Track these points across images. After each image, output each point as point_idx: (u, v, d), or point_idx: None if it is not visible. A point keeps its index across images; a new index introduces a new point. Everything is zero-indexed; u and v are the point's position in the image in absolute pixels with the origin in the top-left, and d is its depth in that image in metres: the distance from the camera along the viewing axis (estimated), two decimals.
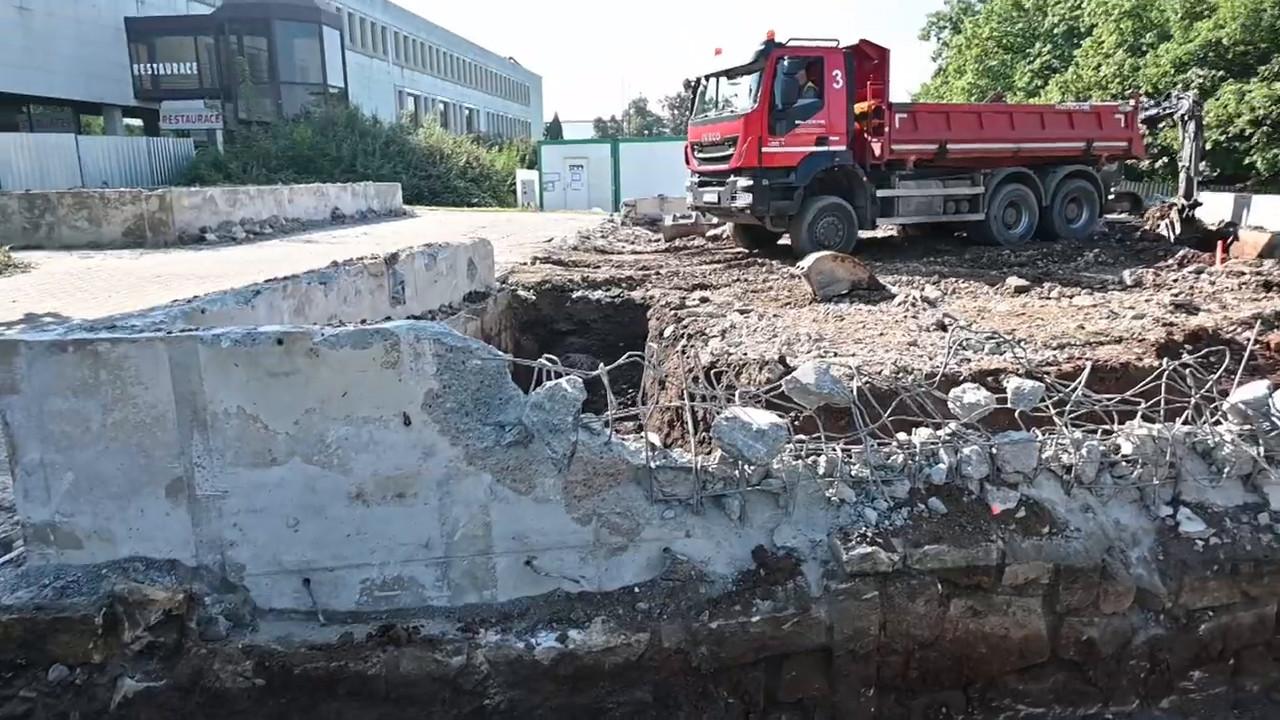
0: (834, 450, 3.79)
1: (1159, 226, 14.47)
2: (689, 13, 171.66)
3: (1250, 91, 23.14)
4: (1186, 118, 14.05)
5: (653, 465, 3.59)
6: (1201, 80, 24.36)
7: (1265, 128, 22.79)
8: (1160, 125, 15.78)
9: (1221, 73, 24.98)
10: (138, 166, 28.42)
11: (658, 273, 11.41)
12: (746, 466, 3.64)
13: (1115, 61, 29.17)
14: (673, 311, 8.23)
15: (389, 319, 6.46)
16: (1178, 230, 13.74)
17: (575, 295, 10.04)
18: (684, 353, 6.81)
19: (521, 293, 9.99)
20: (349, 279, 6.61)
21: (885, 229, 14.67)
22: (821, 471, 3.75)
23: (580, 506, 3.53)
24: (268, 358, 3.28)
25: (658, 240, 16.23)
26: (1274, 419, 3.91)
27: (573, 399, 3.39)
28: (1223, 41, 24.76)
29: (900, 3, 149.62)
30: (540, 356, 3.77)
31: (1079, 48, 33.06)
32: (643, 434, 3.75)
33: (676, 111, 79.41)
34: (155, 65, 32.41)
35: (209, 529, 3.41)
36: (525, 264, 12.15)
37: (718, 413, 3.76)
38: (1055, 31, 38.01)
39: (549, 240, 15.92)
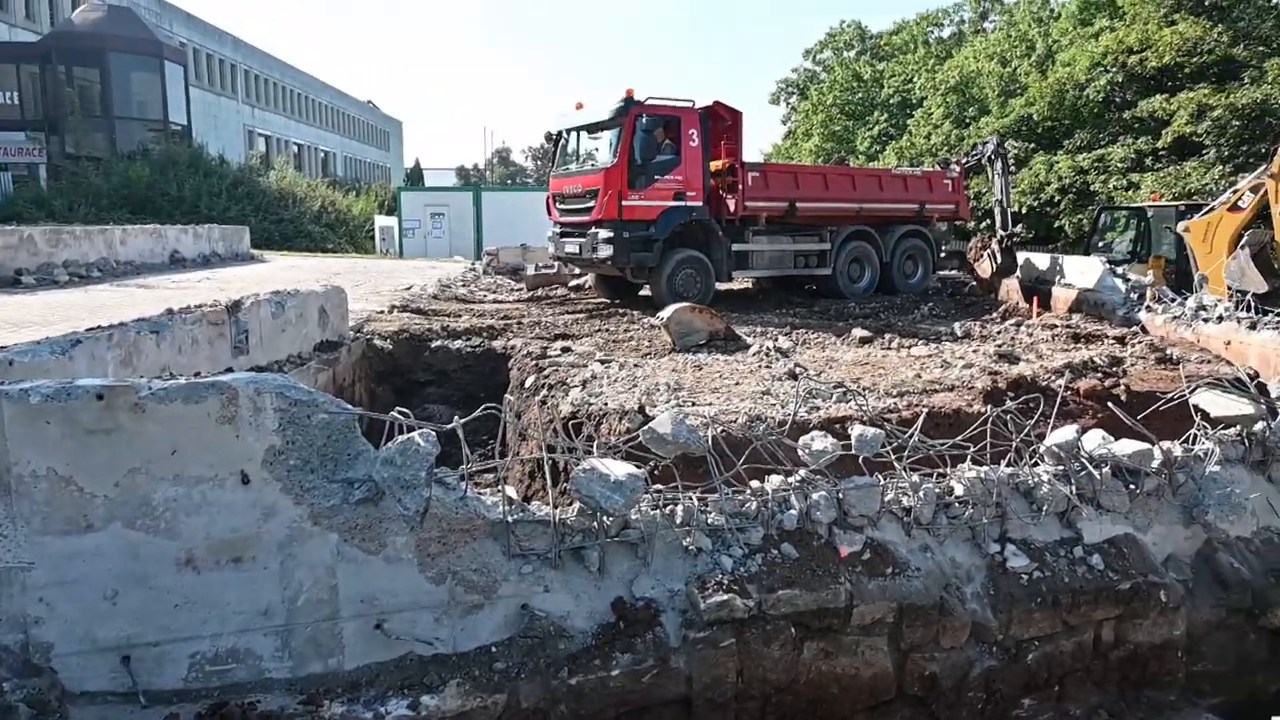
0: (691, 499, 3.85)
1: (980, 259, 15.81)
2: (551, 65, 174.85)
3: (1057, 162, 25.80)
4: (993, 157, 15.54)
5: (510, 520, 3.52)
6: (1016, 150, 26.95)
7: (1070, 195, 25.40)
8: (977, 173, 17.24)
9: (1033, 145, 27.76)
10: None
11: (519, 322, 11.35)
12: (605, 518, 3.63)
13: (943, 131, 31.87)
14: (534, 361, 8.19)
15: (230, 370, 6.09)
16: (999, 260, 15.08)
17: (434, 345, 9.82)
18: (544, 403, 6.77)
19: (377, 342, 9.68)
20: (185, 328, 6.20)
21: (740, 282, 15.24)
22: (679, 521, 3.80)
23: (434, 565, 3.41)
24: (86, 414, 3.02)
25: (520, 290, 16.17)
26: (1083, 460, 4.29)
27: (426, 453, 3.30)
28: (1033, 117, 27.57)
29: (753, 68, 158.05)
30: (398, 407, 3.65)
31: (911, 117, 35.92)
32: (501, 487, 3.68)
33: (539, 162, 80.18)
34: None
35: (9, 605, 3.06)
36: (382, 312, 11.80)
37: (577, 464, 3.75)
38: (891, 102, 41.21)
39: (408, 288, 15.55)
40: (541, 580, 3.54)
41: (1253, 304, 9.53)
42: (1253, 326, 9.04)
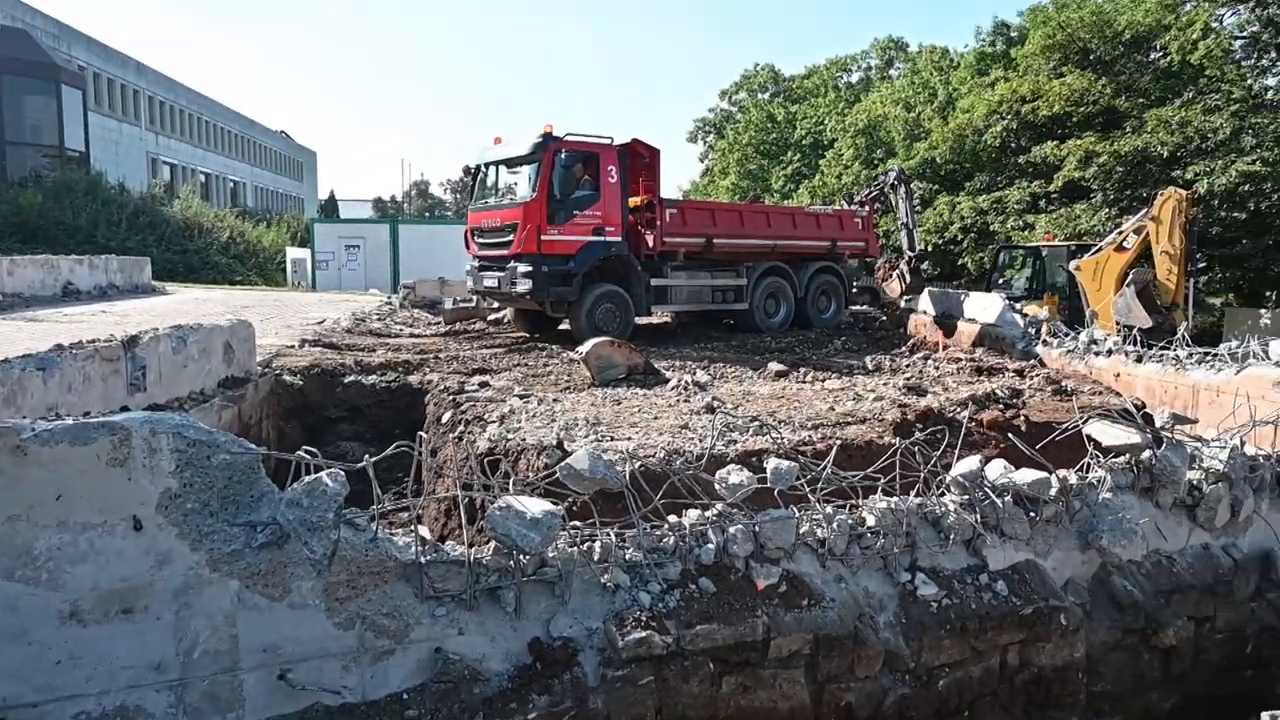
0: (609, 535, 3.83)
1: (889, 279, 16.43)
2: (470, 97, 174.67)
3: (960, 203, 27.06)
4: (895, 184, 16.30)
5: (423, 560, 3.43)
6: (921, 191, 28.19)
7: (972, 234, 26.63)
8: (880, 201, 17.97)
9: (936, 186, 29.08)
10: None
11: (437, 357, 11.17)
12: (521, 556, 3.57)
13: (853, 171, 33.11)
14: (451, 397, 8.06)
15: (125, 409, 5.80)
16: (908, 280, 15.71)
17: (347, 380, 9.57)
18: (461, 439, 6.66)
19: (287, 378, 9.36)
20: (76, 364, 5.88)
21: (659, 316, 15.39)
22: (597, 557, 3.76)
23: (343, 610, 3.29)
24: None
25: (438, 323, 15.94)
26: (986, 489, 4.45)
27: (334, 494, 3.19)
28: (936, 160, 28.91)
29: (672, 106, 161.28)
30: (305, 446, 3.53)
31: (823, 158, 37.20)
32: (414, 527, 3.58)
33: (458, 195, 79.62)
34: None
35: None
36: (293, 347, 11.44)
37: (494, 502, 3.68)
38: (804, 142, 42.60)
39: (320, 322, 15.13)
40: (456, 622, 3.45)
41: (1138, 338, 10.12)
42: (1139, 359, 9.59)
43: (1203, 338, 11.71)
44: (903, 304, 16.23)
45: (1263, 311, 21.43)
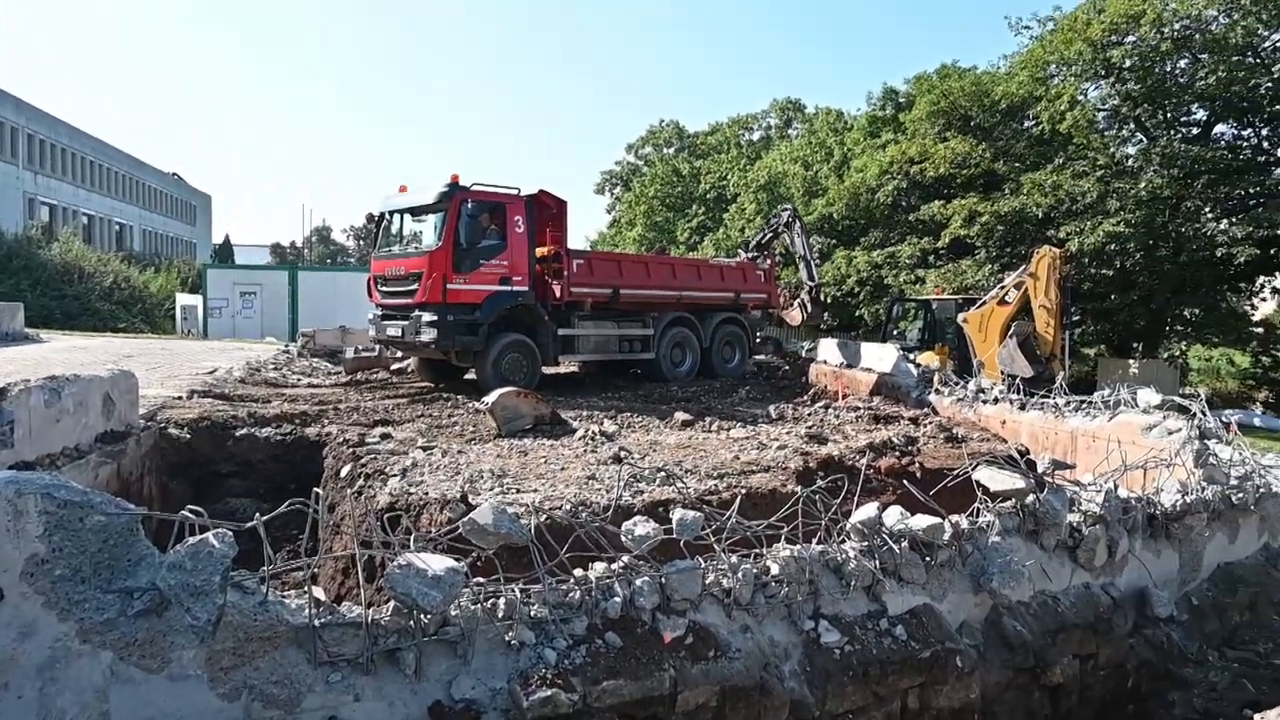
0: (513, 591, 3.75)
1: (790, 307, 16.97)
2: (375, 144, 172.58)
3: (856, 257, 28.24)
4: (790, 221, 17.00)
5: (317, 623, 3.27)
6: (820, 245, 29.31)
7: (868, 287, 27.78)
8: (775, 242, 18.62)
9: (834, 241, 30.31)
10: None
11: (336, 408, 10.81)
12: (423, 616, 3.46)
13: (756, 225, 34.13)
14: (351, 449, 7.80)
15: None
16: (809, 310, 16.27)
17: (239, 433, 9.14)
18: (360, 494, 6.44)
19: (173, 431, 8.88)
20: None
21: (567, 365, 15.38)
22: (501, 615, 3.68)
23: (228, 680, 3.10)
24: None
25: (338, 373, 15.47)
26: (884, 535, 4.58)
27: (221, 555, 3.03)
28: (834, 216, 30.18)
29: (579, 158, 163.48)
30: (195, 503, 3.35)
31: (727, 211, 38.29)
32: (313, 588, 3.43)
33: (361, 242, 78.19)
34: None
35: None
36: (180, 398, 10.88)
37: (394, 559, 3.56)
38: (708, 196, 43.76)
39: (211, 372, 14.47)
40: (352, 688, 3.30)
41: (1021, 386, 10.69)
42: (1022, 407, 10.12)
43: (1078, 386, 12.46)
44: (804, 353, 16.73)
45: (1131, 362, 23.04)
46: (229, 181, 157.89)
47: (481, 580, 3.81)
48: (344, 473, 7.21)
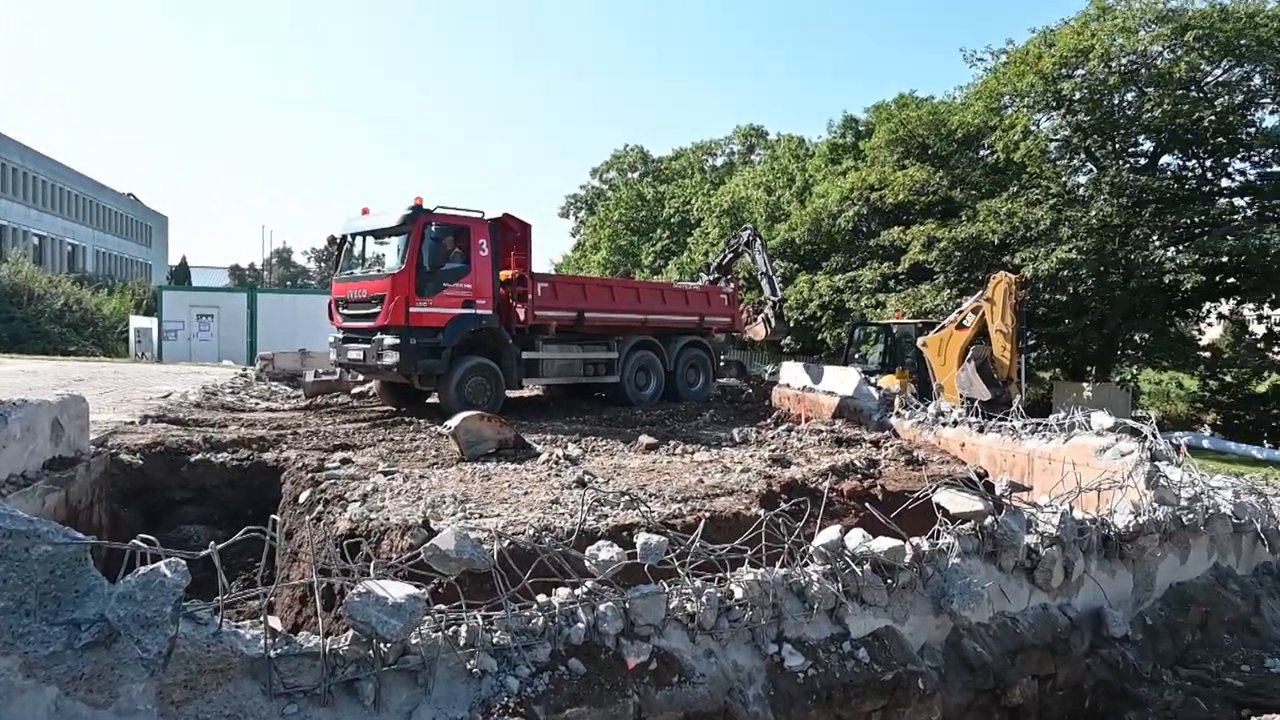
0: (475, 618, 3.70)
1: (754, 321, 17.13)
2: (337, 165, 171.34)
3: (818, 281, 28.60)
4: (750, 240, 17.30)
5: (273, 654, 3.20)
6: (783, 270, 29.64)
7: (830, 311, 28.12)
8: (738, 262, 18.84)
9: (797, 265, 30.68)
10: None
11: (295, 432, 10.63)
12: (382, 645, 3.40)
13: (720, 249, 34.43)
14: (310, 474, 7.67)
15: None
16: (773, 324, 16.46)
17: (194, 459, 8.94)
18: (319, 520, 6.33)
19: (125, 457, 8.66)
20: None
21: (531, 389, 15.31)
22: (463, 642, 3.62)
23: (179, 714, 3.01)
24: None
25: (297, 397, 15.23)
26: (846, 558, 4.61)
27: (173, 585, 2.95)
28: (796, 240, 30.57)
29: (545, 181, 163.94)
30: (147, 531, 3.27)
31: (691, 235, 38.58)
32: (269, 617, 3.35)
33: (323, 264, 77.38)
34: None
35: None
36: (133, 423, 10.63)
37: (353, 587, 3.50)
38: (672, 221, 44.07)
39: (166, 396, 14.16)
40: None
41: (980, 409, 10.87)
42: (981, 430, 10.29)
43: (1035, 409, 12.70)
44: (767, 376, 16.87)
45: (1085, 385, 23.57)
46: (187, 202, 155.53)
47: (443, 607, 3.76)
48: (302, 498, 7.09)
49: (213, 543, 3.24)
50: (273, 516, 3.73)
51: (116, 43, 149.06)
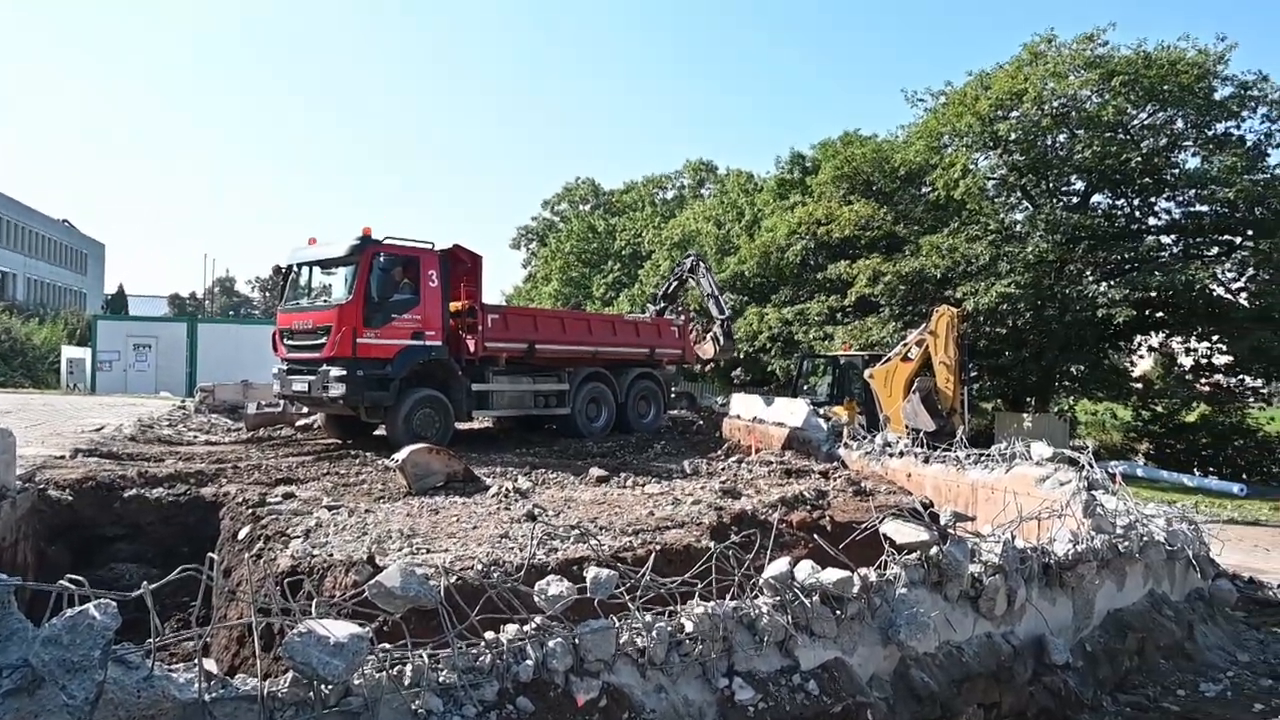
0: (421, 657, 3.62)
1: (702, 341, 17.27)
2: (283, 193, 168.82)
3: (767, 314, 28.96)
4: (694, 266, 17.66)
5: (207, 698, 3.08)
6: (734, 303, 29.99)
7: (779, 343, 28.47)
8: (684, 290, 19.06)
9: (746, 298, 31.04)
10: None
11: (235, 466, 10.34)
12: (323, 686, 3.30)
13: (666, 279, 34.76)
14: (251, 510, 7.46)
15: None
16: (722, 343, 16.67)
17: (128, 494, 8.64)
18: (260, 557, 6.14)
19: (53, 493, 8.32)
20: None
21: (481, 421, 15.16)
22: (408, 682, 3.54)
23: None
24: None
25: (239, 430, 14.85)
26: (795, 590, 4.63)
27: (102, 627, 2.83)
28: (745, 273, 30.96)
29: (496, 212, 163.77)
30: (76, 570, 3.13)
31: (642, 268, 38.81)
32: (204, 660, 3.23)
33: (268, 294, 75.95)
34: None
35: None
36: (63, 457, 10.24)
37: (294, 626, 3.40)
38: (623, 253, 44.31)
39: (99, 429, 13.69)
40: None
41: (925, 440, 11.07)
42: (926, 460, 10.47)
43: (978, 439, 12.97)
44: (718, 407, 16.97)
45: (1025, 415, 24.19)
46: (126, 230, 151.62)
47: (388, 646, 3.67)
48: (242, 535, 6.89)
49: (145, 582, 3.12)
50: (210, 554, 3.61)
51: (48, 67, 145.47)
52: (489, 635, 3.90)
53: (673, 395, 18.09)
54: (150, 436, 13.29)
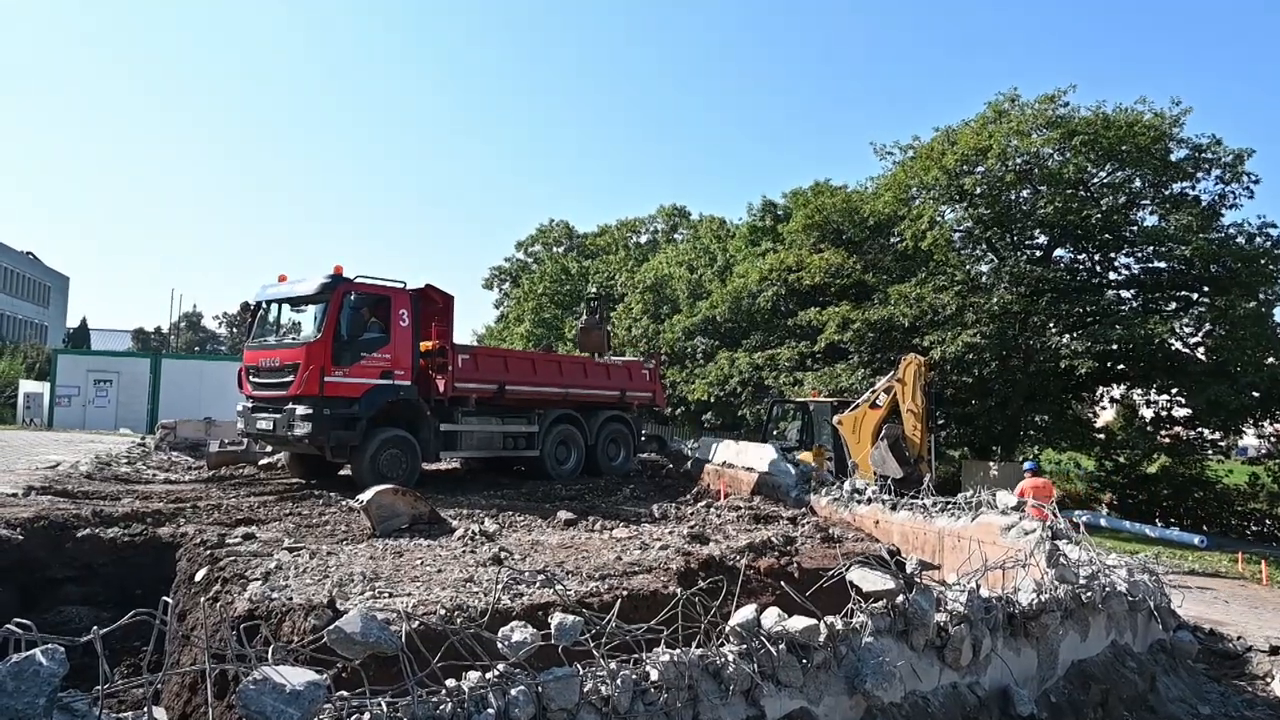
0: (380, 705, 3.54)
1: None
2: (253, 230, 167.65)
3: (738, 358, 29.13)
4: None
5: None
6: (704, 346, 30.16)
7: (750, 387, 28.60)
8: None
9: (717, 342, 31.22)
10: None
11: (195, 505, 10.12)
12: None
13: (642, 325, 34.93)
14: (208, 551, 7.28)
15: None
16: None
17: (81, 534, 8.41)
18: (216, 600, 5.99)
19: (2, 531, 8.08)
20: None
21: (449, 462, 15.00)
22: None
23: None
24: None
25: (200, 468, 14.56)
26: (762, 638, 4.60)
27: (49, 674, 2.74)
28: (717, 318, 31.19)
29: (467, 251, 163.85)
30: (24, 613, 3.04)
31: (614, 311, 38.92)
32: (154, 708, 3.13)
33: (235, 330, 75.04)
34: None
35: None
36: (14, 495, 9.96)
37: (249, 673, 3.31)
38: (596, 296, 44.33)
39: (54, 466, 13.35)
40: None
41: (892, 487, 11.15)
42: (894, 508, 10.53)
43: (944, 486, 13.11)
44: (688, 450, 16.94)
45: (992, 464, 24.43)
46: (91, 263, 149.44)
47: (345, 694, 3.59)
48: (199, 577, 6.71)
49: (95, 627, 3.03)
50: (164, 598, 3.53)
51: (13, 96, 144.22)
52: (450, 683, 3.83)
53: (643, 438, 18.04)
54: (108, 474, 12.98)
